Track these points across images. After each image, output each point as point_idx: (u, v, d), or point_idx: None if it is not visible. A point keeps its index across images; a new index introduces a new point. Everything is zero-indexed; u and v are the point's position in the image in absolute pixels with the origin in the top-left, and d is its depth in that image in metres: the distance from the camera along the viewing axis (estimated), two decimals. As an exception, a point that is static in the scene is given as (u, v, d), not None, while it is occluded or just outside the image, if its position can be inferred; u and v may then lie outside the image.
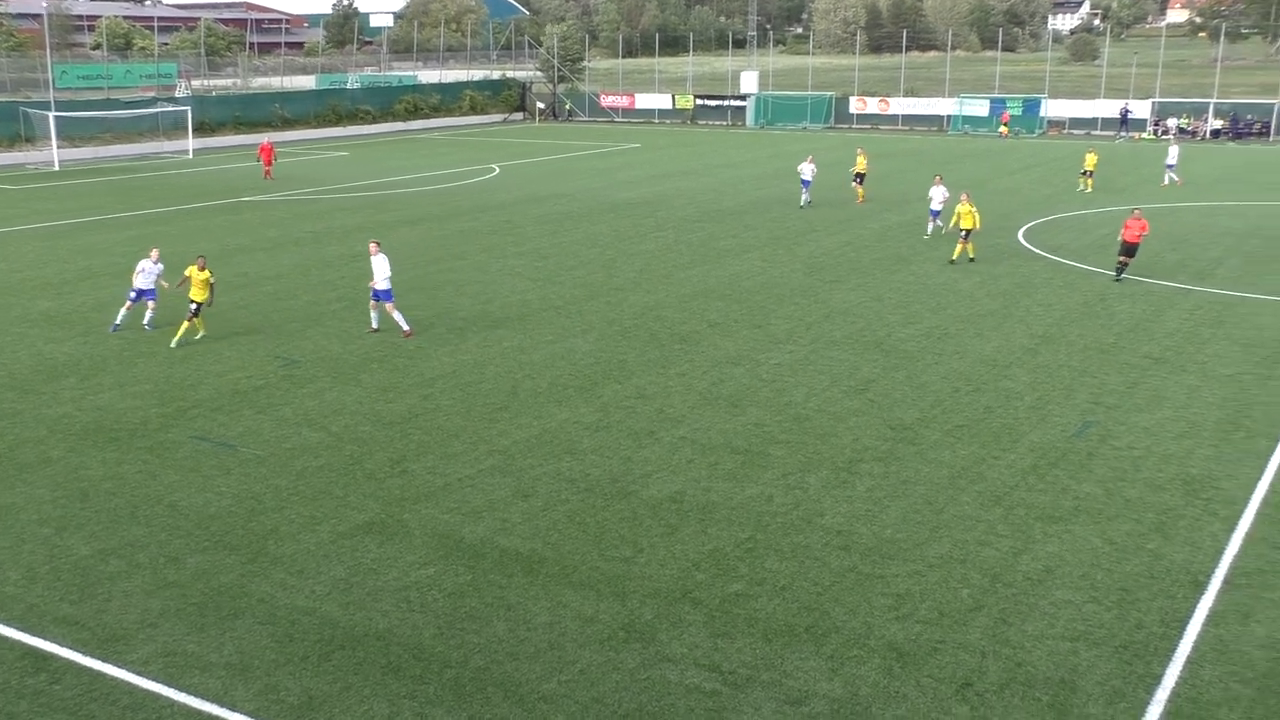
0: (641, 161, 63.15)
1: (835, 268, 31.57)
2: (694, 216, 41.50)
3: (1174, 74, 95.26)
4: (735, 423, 18.66)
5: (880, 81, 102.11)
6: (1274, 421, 18.49)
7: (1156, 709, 10.60)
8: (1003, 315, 25.85)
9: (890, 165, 57.71)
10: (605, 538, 14.35)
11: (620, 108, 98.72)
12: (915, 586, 12.99)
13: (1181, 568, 13.41)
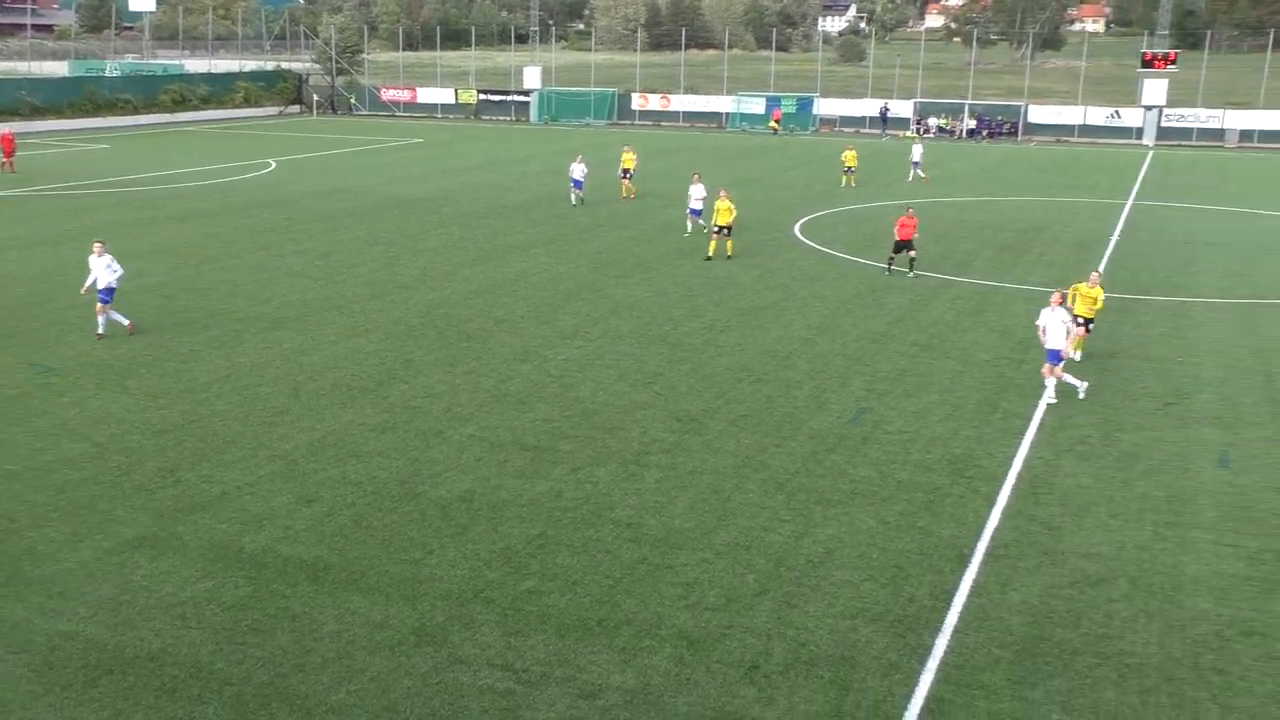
0: (424, 157, 62.21)
1: (620, 263, 31.88)
2: (479, 213, 41.16)
3: (933, 76, 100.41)
4: (524, 419, 18.60)
5: (661, 78, 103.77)
6: (1027, 402, 19.72)
7: (928, 678, 11.15)
8: (781, 307, 26.68)
9: (672, 161, 58.73)
10: (394, 541, 14.06)
11: (401, 102, 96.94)
12: (704, 574, 13.25)
13: (948, 543, 14.14)
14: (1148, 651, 11.65)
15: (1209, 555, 13.88)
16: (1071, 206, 44.64)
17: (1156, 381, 20.96)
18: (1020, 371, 21.52)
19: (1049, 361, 19.61)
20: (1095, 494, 15.74)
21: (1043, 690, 10.96)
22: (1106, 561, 13.66)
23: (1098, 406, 19.50)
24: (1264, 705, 10.75)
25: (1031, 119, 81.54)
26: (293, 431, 17.89)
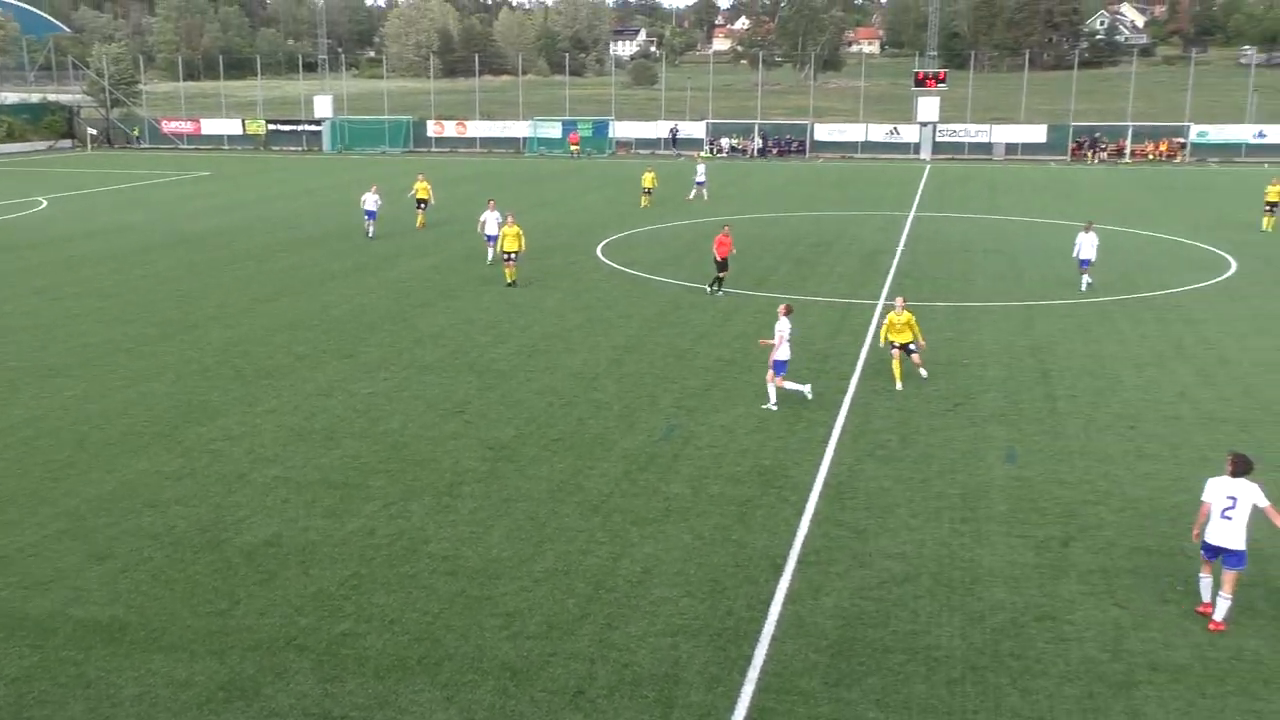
0: (213, 190, 60.00)
1: (423, 292, 31.43)
2: (274, 246, 39.92)
3: (723, 97, 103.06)
4: (331, 456, 18.07)
5: (457, 105, 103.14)
6: (828, 411, 20.35)
7: (749, 688, 11.32)
8: (588, 329, 26.78)
9: (471, 188, 58.37)
10: (197, 593, 13.39)
11: (185, 134, 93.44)
12: (524, 603, 13.11)
13: (762, 553, 14.42)
14: (952, 644, 12.14)
15: (1002, 547, 14.58)
16: (859, 220, 46.46)
17: (946, 383, 21.95)
18: (820, 381, 22.14)
19: (778, 372, 20.44)
20: (896, 495, 16.33)
21: (858, 690, 11.28)
22: (910, 560, 14.18)
23: (894, 410, 20.29)
24: (1059, 685, 11.34)
25: (818, 137, 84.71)
26: (80, 485, 16.85)
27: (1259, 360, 23.62)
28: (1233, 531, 12.38)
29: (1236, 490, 12.46)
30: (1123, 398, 21.05)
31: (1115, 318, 27.64)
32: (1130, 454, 18.00)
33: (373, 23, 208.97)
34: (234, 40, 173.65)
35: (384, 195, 42.65)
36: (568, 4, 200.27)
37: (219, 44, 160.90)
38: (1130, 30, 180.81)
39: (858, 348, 24.84)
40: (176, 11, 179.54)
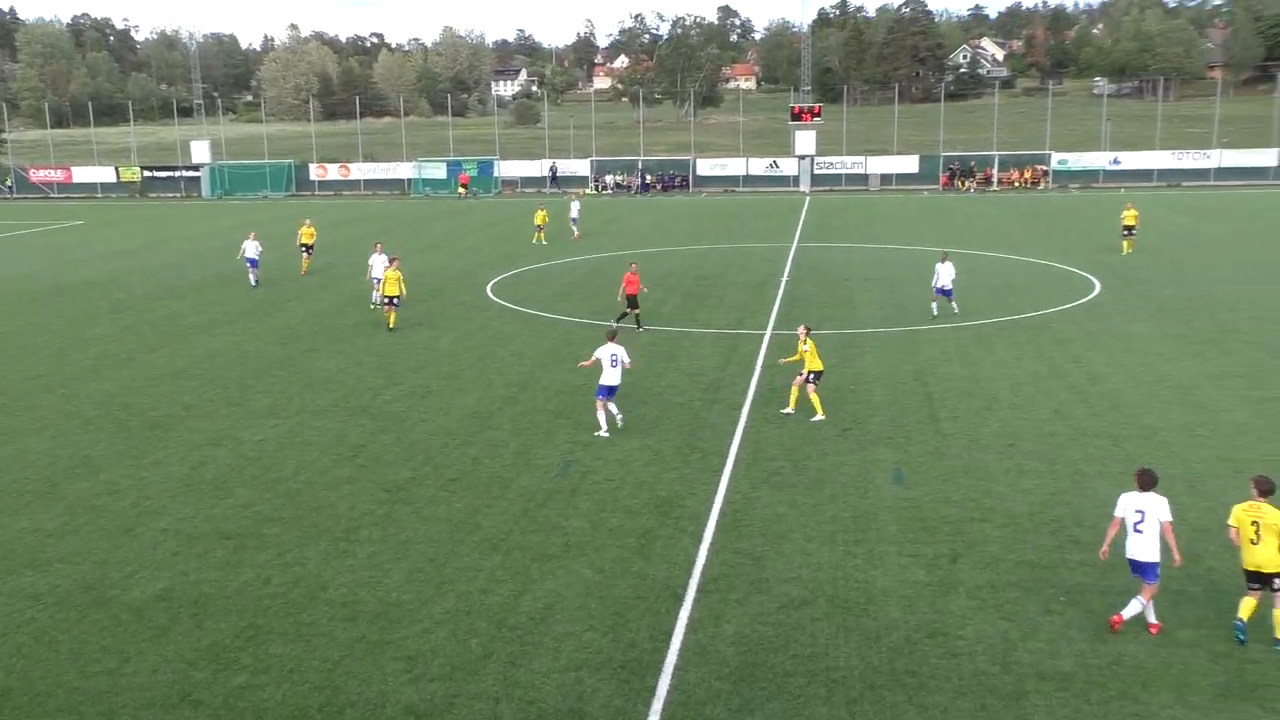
0: (88, 240, 58.27)
1: (311, 336, 30.95)
2: (155, 294, 38.92)
3: (606, 135, 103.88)
4: (222, 506, 17.64)
5: (339, 147, 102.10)
6: (722, 441, 20.57)
7: (654, 718, 11.36)
8: (480, 368, 26.66)
9: (357, 231, 57.74)
10: (84, 653, 12.92)
11: (55, 182, 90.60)
12: (426, 645, 12.96)
13: (663, 584, 14.48)
14: (850, 664, 12.35)
15: (894, 566, 14.89)
16: (744, 252, 47.17)
17: (834, 409, 22.34)
18: (713, 411, 22.41)
19: (600, 397, 20.89)
20: (791, 521, 16.56)
21: (761, 715, 11.39)
22: (806, 584, 14.39)
23: (786, 437, 20.60)
24: (953, 700, 11.62)
25: (700, 172, 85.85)
26: (-43, 547, 16.17)
27: (1126, 376, 24.60)
28: (1145, 545, 12.81)
29: (1145, 504, 12.92)
30: (1001, 417, 21.70)
31: (991, 340, 28.51)
32: (1011, 471, 18.55)
33: (249, 66, 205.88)
34: (104, 86, 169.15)
35: (263, 241, 41.90)
36: (447, 45, 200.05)
37: (88, 90, 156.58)
38: (991, 64, 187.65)
39: (748, 377, 25.16)
40: (41, 57, 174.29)
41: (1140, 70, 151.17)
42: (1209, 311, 31.76)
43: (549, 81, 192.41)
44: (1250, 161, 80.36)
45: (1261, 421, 21.01)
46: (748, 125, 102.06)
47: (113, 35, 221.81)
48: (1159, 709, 11.39)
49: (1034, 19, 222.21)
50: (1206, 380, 24.18)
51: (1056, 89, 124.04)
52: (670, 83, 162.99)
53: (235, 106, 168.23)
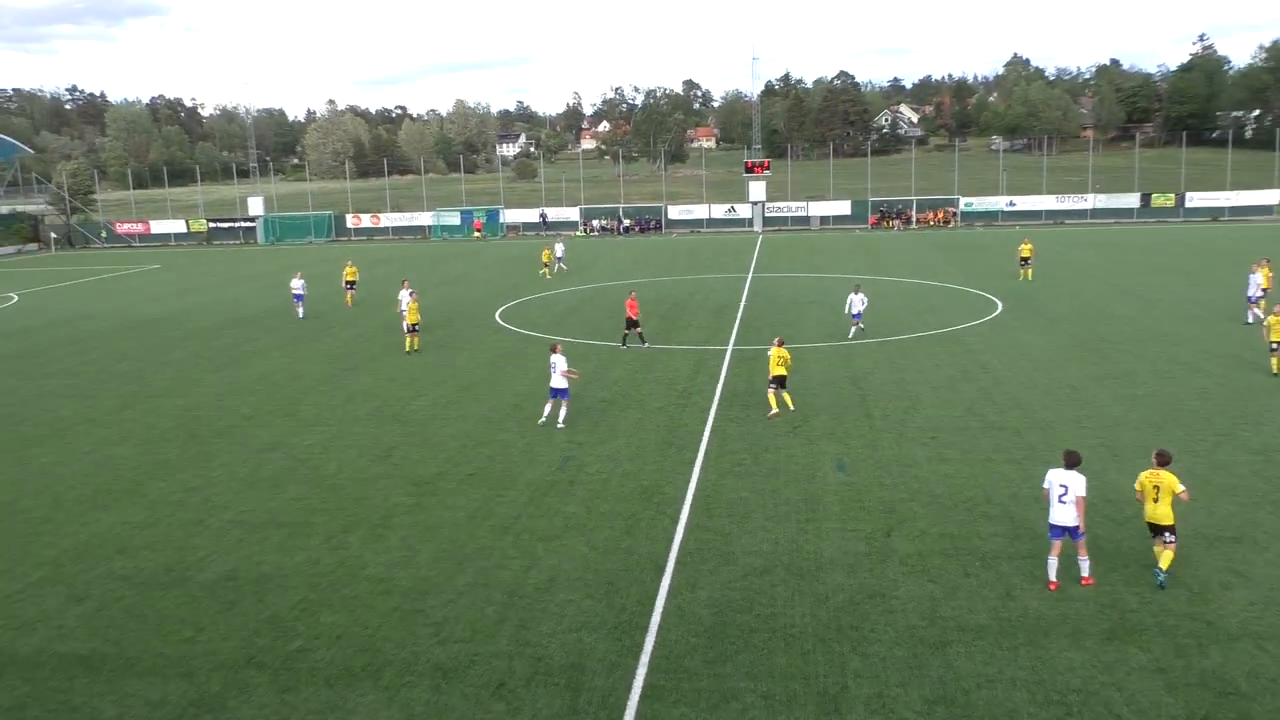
0: (163, 280, 57.81)
1: (350, 357, 30.74)
2: (218, 325, 38.61)
3: (592, 187, 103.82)
4: (278, 500, 17.48)
5: (371, 200, 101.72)
6: (694, 437, 20.53)
7: (642, 670, 11.28)
8: (492, 381, 26.54)
9: (387, 269, 57.49)
10: (165, 624, 12.78)
11: (136, 234, 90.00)
12: (450, 613, 12.85)
13: (647, 558, 14.42)
14: (804, 621, 12.31)
15: (838, 540, 14.87)
16: (708, 282, 47.17)
17: (786, 410, 22.34)
18: (685, 414, 22.36)
19: (557, 398, 21.45)
20: (753, 503, 16.53)
21: (731, 665, 11.34)
22: (766, 555, 14.35)
23: (746, 434, 20.56)
24: (890, 649, 11.59)
25: (671, 216, 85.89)
26: (58, 538, 15.96)
27: (1024, 380, 24.69)
28: (1068, 513, 12.93)
29: (1068, 480, 13.06)
30: (924, 414, 21.73)
31: (914, 352, 28.57)
32: (933, 459, 18.57)
33: (295, 134, 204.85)
34: (176, 154, 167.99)
35: (308, 279, 41.66)
36: (459, 115, 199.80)
37: (163, 157, 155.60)
38: (908, 125, 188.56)
39: (714, 385, 25.12)
40: (125, 131, 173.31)
41: (1028, 130, 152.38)
42: (1089, 325, 31.94)
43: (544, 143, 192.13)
44: (1118, 204, 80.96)
45: (1135, 415, 21.12)
46: (709, 177, 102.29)
47: (183, 112, 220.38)
48: (1057, 653, 11.40)
49: (942, 88, 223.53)
50: (1089, 381, 24.29)
51: (962, 146, 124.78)
52: (645, 143, 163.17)
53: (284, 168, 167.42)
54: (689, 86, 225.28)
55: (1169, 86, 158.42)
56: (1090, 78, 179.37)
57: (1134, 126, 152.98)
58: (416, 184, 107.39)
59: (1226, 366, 25.40)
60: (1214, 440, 19.00)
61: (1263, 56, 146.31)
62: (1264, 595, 12.61)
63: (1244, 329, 30.28)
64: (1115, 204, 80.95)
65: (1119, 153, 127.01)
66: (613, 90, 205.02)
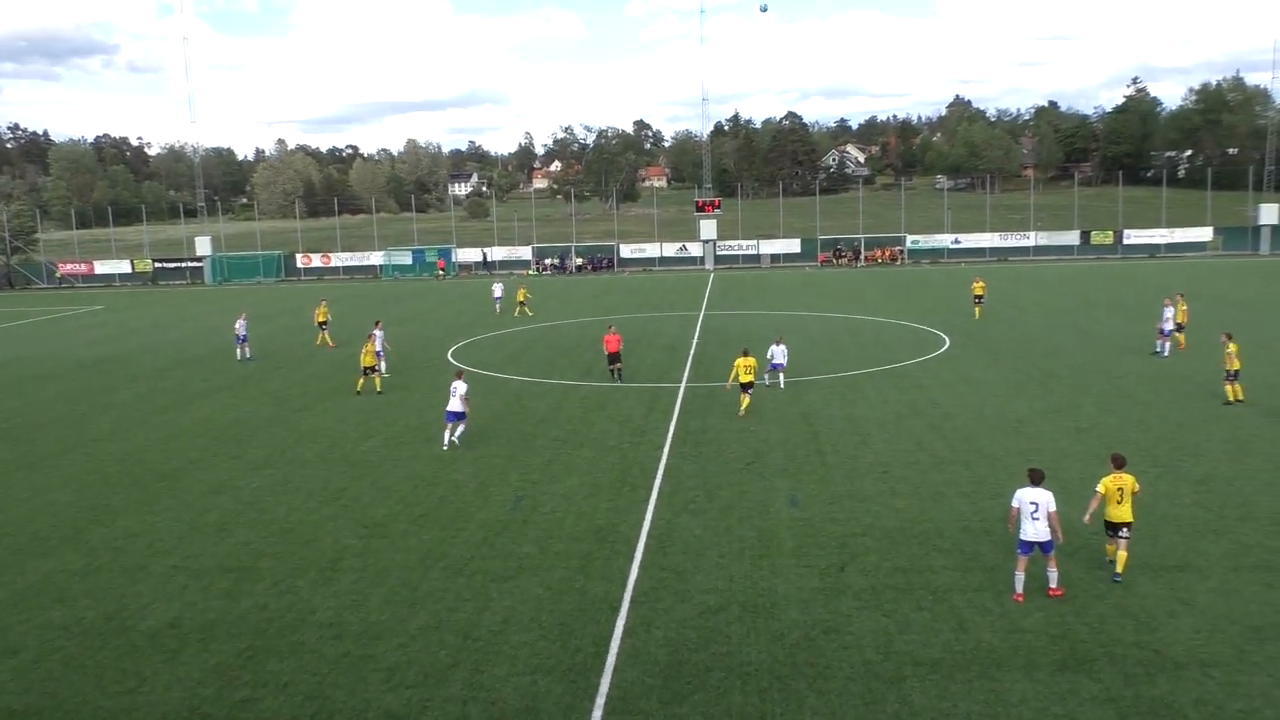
0: (107, 321, 56.68)
1: (300, 398, 30.30)
2: (165, 366, 37.87)
3: (544, 225, 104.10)
4: (224, 545, 17.08)
5: (321, 240, 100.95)
6: (648, 475, 20.47)
7: (598, 713, 11.15)
8: (444, 421, 26.21)
9: (339, 309, 56.89)
10: (105, 675, 12.38)
11: (80, 274, 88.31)
12: (402, 657, 12.61)
13: (602, 598, 14.29)
14: (760, 659, 12.26)
15: (793, 575, 14.88)
16: (661, 320, 47.34)
17: (739, 446, 22.41)
18: (639, 452, 22.31)
19: (453, 421, 22.73)
20: (707, 541, 16.49)
21: (688, 705, 11.24)
22: (721, 593, 14.30)
23: (700, 471, 20.56)
24: (845, 685, 11.58)
25: (623, 254, 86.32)
26: (-9, 588, 15.41)
27: (973, 414, 25.04)
28: (1040, 528, 13.51)
29: (1038, 497, 13.59)
30: (875, 449, 21.91)
31: (863, 387, 28.87)
32: (885, 493, 18.71)
33: (244, 174, 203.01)
34: (121, 193, 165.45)
35: (255, 319, 41.07)
36: (410, 154, 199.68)
37: (108, 196, 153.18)
38: (855, 165, 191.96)
39: (667, 423, 25.11)
40: (68, 170, 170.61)
41: (971, 169, 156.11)
42: (1034, 360, 32.54)
43: (496, 183, 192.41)
44: (1059, 241, 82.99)
45: (1080, 448, 21.49)
46: (661, 216, 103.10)
47: (129, 151, 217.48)
48: (1011, 684, 11.47)
49: (888, 129, 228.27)
50: (1035, 415, 24.70)
51: (908, 184, 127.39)
52: (596, 182, 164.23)
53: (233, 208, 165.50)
54: (640, 126, 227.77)
55: (1105, 127, 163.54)
56: (1030, 119, 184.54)
57: (1073, 166, 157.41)
58: (368, 223, 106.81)
59: (1165, 398, 25.99)
60: (1156, 472, 19.39)
61: (1192, 99, 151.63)
62: (1209, 623, 12.82)
63: (1172, 361, 31.05)
64: (1056, 241, 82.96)
65: (1059, 191, 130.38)
66: (563, 130, 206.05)
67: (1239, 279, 58.25)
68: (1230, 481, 18.71)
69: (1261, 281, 56.56)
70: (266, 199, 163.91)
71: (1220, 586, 13.95)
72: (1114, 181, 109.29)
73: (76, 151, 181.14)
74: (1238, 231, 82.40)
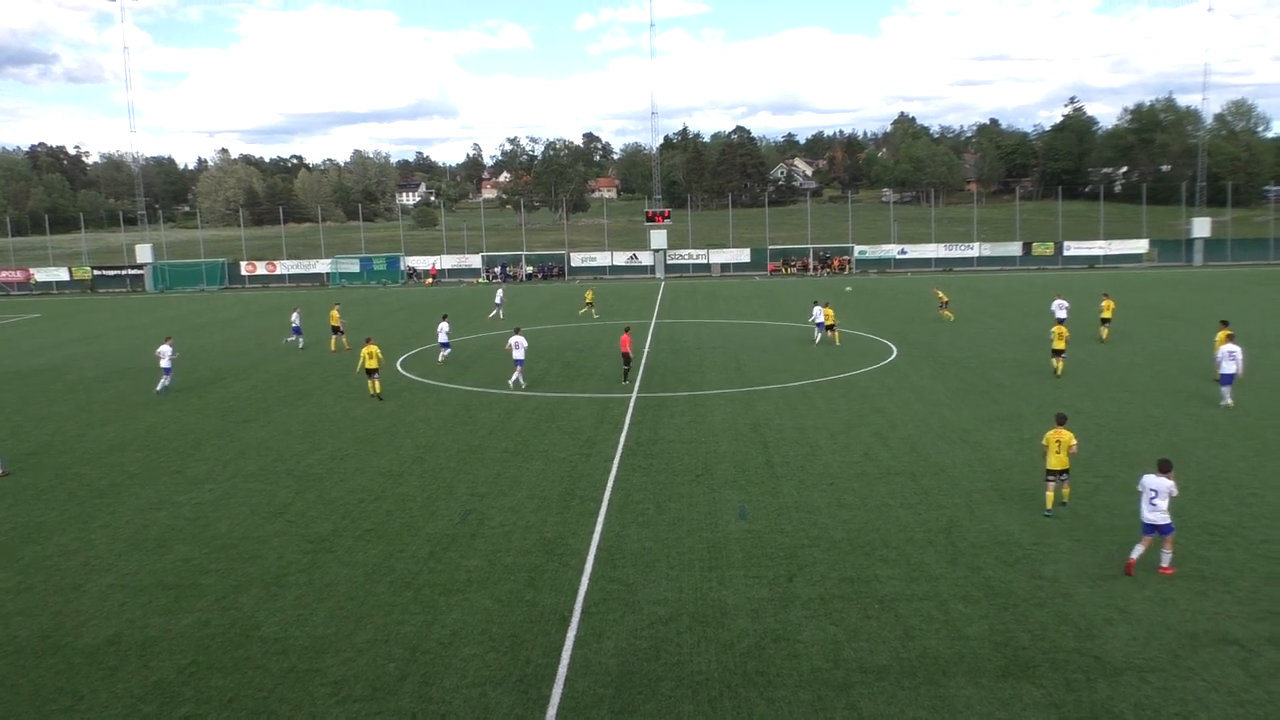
0: (44, 330, 55.24)
1: (245, 409, 29.80)
2: (104, 376, 37.02)
3: (495, 235, 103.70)
4: (164, 562, 16.73)
5: (266, 248, 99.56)
6: (597, 488, 20.46)
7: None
8: (392, 433, 26.03)
9: (285, 317, 56.10)
10: (41, 694, 12.05)
11: (16, 282, 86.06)
12: (349, 671, 12.46)
13: (551, 610, 14.25)
14: (710, 669, 12.32)
15: (742, 586, 14.96)
16: (612, 329, 47.31)
17: (689, 459, 22.49)
18: (589, 465, 22.29)
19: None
20: (657, 553, 16.52)
21: (639, 715, 11.25)
22: (671, 604, 14.34)
23: (650, 484, 20.59)
24: (795, 693, 11.68)
25: (574, 264, 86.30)
26: (-81, 607, 14.93)
27: (919, 423, 25.41)
28: (1159, 514, 14.77)
29: (1158, 485, 14.80)
30: (823, 460, 22.13)
31: (812, 397, 29.15)
32: (832, 504, 18.90)
33: (185, 183, 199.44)
34: (58, 201, 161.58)
35: (193, 331, 40.33)
36: (357, 163, 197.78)
37: (44, 204, 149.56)
38: (803, 178, 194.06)
39: (617, 435, 25.11)
40: (3, 179, 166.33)
41: (916, 183, 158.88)
42: (979, 369, 33.13)
43: (444, 193, 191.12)
44: (1002, 252, 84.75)
45: (1023, 458, 21.91)
46: (611, 226, 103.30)
47: (66, 160, 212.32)
48: (956, 690, 11.65)
49: (834, 143, 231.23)
50: (980, 424, 25.14)
51: (854, 197, 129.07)
52: (546, 193, 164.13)
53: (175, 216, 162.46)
54: (589, 139, 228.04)
55: (1044, 144, 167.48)
56: (972, 136, 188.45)
57: (1014, 181, 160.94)
58: (314, 231, 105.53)
59: (1104, 408, 26.61)
60: (1095, 482, 19.84)
61: (1127, 119, 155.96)
62: (1145, 630, 13.15)
63: (1107, 367, 31.84)
64: (999, 252, 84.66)
65: (1001, 205, 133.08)
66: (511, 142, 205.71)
67: (1173, 289, 59.89)
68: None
69: (1193, 292, 58.19)
70: (209, 207, 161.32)
71: (1156, 595, 14.31)
72: (1054, 196, 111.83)
73: (11, 160, 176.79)
74: (1172, 244, 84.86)
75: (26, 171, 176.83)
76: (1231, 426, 24.20)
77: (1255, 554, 15.79)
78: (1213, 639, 12.85)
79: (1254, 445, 21.63)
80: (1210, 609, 13.77)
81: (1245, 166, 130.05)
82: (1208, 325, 39.38)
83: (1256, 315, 46.20)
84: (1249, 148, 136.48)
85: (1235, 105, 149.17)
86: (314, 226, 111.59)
